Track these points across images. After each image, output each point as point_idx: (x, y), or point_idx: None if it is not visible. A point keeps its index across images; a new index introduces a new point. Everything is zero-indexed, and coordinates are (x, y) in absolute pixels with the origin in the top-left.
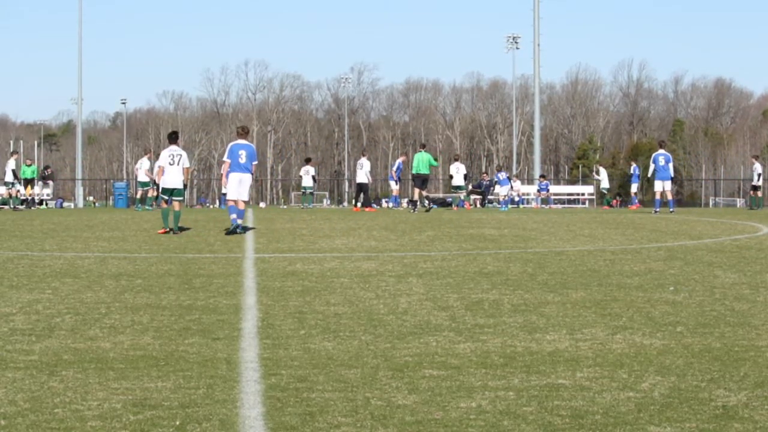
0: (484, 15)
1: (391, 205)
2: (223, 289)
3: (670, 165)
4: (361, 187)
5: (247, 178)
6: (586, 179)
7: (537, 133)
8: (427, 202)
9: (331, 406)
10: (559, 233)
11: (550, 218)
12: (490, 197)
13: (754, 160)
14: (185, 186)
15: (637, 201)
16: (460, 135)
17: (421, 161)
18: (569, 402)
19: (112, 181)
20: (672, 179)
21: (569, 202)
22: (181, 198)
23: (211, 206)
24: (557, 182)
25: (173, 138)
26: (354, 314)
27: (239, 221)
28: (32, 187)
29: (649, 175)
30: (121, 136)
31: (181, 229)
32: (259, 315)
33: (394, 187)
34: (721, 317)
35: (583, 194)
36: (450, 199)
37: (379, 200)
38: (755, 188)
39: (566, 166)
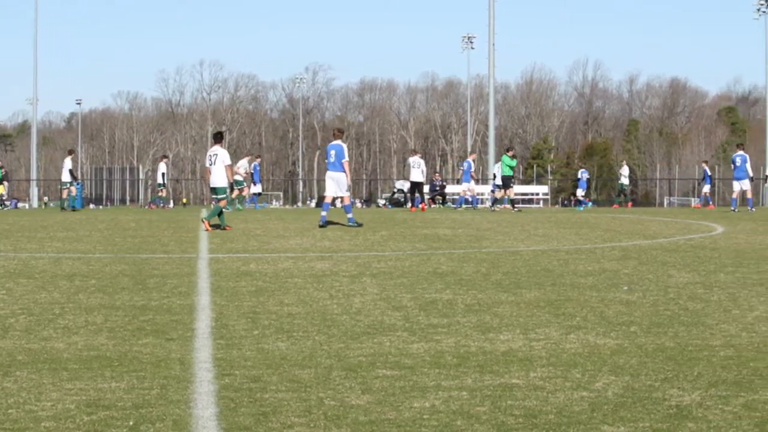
0: (439, 15)
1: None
2: (177, 289)
3: (747, 165)
4: (417, 186)
5: (338, 176)
6: (540, 179)
7: (491, 133)
8: (495, 203)
9: (285, 406)
10: (513, 233)
11: (504, 218)
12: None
13: None
14: (231, 184)
15: (711, 201)
16: (414, 135)
17: (502, 163)
18: (523, 402)
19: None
20: (750, 179)
21: (523, 202)
22: (222, 196)
23: (166, 206)
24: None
25: (216, 138)
26: (307, 314)
27: (349, 215)
28: None
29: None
30: (76, 137)
31: (215, 226)
32: (213, 315)
33: (474, 186)
34: (675, 317)
35: (537, 194)
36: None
37: (333, 200)
38: None
39: (521, 166)
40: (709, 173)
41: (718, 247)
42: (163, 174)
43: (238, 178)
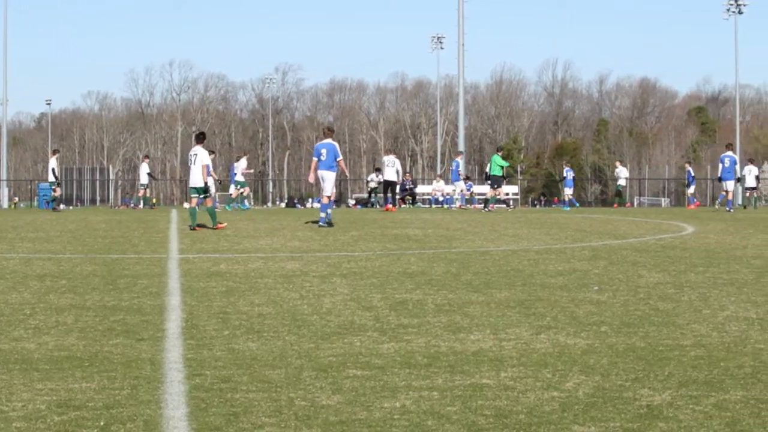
0: (409, 15)
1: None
2: (147, 289)
3: (736, 167)
4: (390, 185)
5: (326, 175)
6: (510, 179)
7: (461, 133)
8: (486, 203)
9: (255, 406)
10: (483, 233)
11: (474, 218)
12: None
13: (749, 163)
14: (206, 184)
15: (696, 201)
16: (384, 135)
17: (492, 162)
18: (493, 402)
19: (36, 182)
20: (736, 180)
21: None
22: (204, 195)
23: (136, 207)
24: (481, 182)
25: (198, 138)
26: (278, 314)
27: (322, 214)
28: None
29: (719, 174)
30: (46, 137)
31: (200, 226)
32: (184, 315)
33: (463, 186)
34: (646, 317)
35: (507, 194)
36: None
37: (303, 200)
38: (752, 189)
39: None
40: (693, 174)
41: (688, 247)
42: (148, 174)
43: (240, 179)
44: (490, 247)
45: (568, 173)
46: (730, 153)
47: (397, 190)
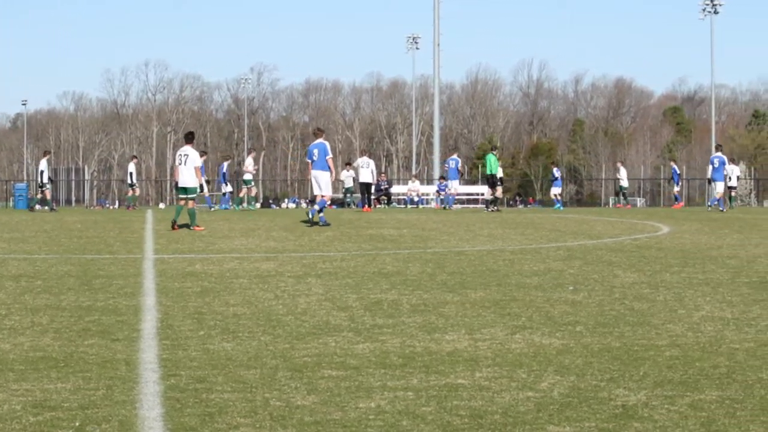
0: (384, 15)
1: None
2: (122, 290)
3: (724, 167)
4: (366, 186)
5: (320, 175)
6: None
7: (436, 133)
8: (489, 204)
9: (230, 406)
10: (458, 233)
11: (449, 218)
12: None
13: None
14: (202, 186)
15: (681, 200)
16: (359, 135)
17: (487, 162)
18: (468, 402)
19: (12, 182)
20: (723, 180)
21: (468, 202)
22: (191, 196)
23: (111, 207)
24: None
25: (187, 138)
26: (253, 315)
27: (315, 208)
28: None
29: (708, 176)
30: (22, 138)
31: (185, 226)
32: (159, 316)
33: (457, 186)
34: (621, 317)
35: (482, 194)
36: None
37: (278, 201)
38: (732, 188)
39: (466, 167)
40: (678, 172)
41: (663, 247)
42: (131, 174)
43: (247, 177)
44: (465, 248)
45: (557, 173)
46: (719, 154)
47: (372, 190)
